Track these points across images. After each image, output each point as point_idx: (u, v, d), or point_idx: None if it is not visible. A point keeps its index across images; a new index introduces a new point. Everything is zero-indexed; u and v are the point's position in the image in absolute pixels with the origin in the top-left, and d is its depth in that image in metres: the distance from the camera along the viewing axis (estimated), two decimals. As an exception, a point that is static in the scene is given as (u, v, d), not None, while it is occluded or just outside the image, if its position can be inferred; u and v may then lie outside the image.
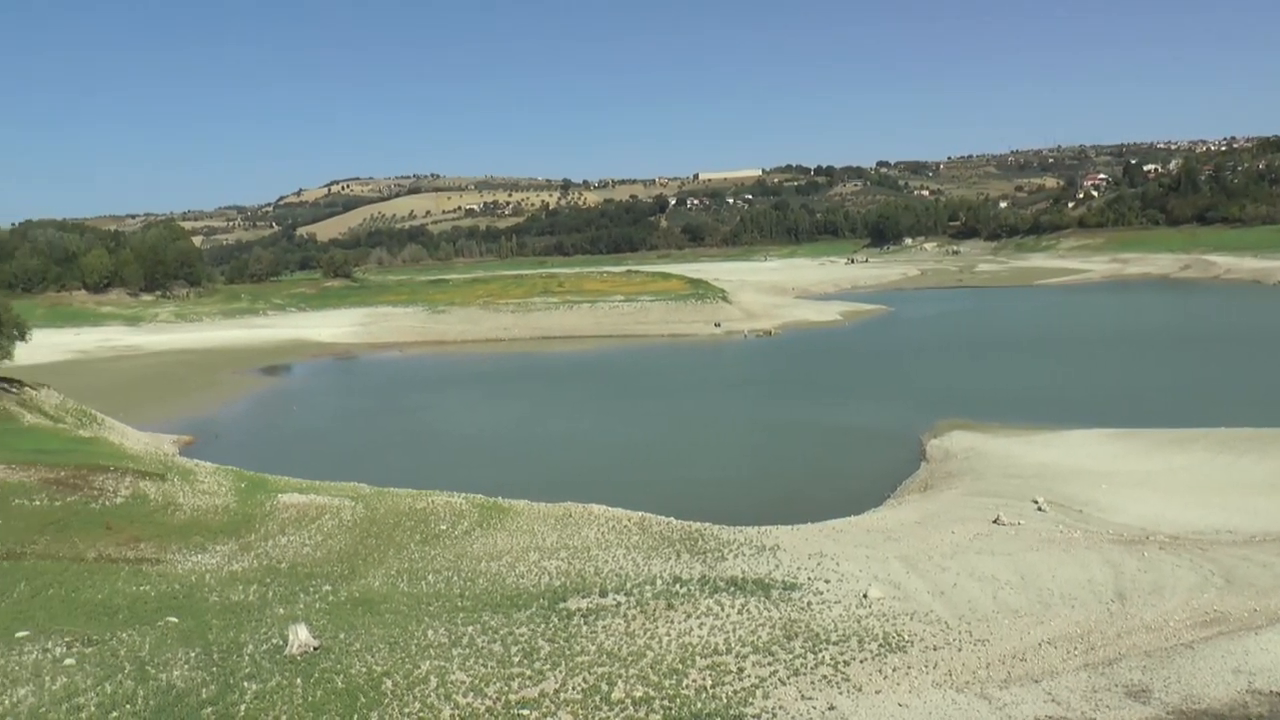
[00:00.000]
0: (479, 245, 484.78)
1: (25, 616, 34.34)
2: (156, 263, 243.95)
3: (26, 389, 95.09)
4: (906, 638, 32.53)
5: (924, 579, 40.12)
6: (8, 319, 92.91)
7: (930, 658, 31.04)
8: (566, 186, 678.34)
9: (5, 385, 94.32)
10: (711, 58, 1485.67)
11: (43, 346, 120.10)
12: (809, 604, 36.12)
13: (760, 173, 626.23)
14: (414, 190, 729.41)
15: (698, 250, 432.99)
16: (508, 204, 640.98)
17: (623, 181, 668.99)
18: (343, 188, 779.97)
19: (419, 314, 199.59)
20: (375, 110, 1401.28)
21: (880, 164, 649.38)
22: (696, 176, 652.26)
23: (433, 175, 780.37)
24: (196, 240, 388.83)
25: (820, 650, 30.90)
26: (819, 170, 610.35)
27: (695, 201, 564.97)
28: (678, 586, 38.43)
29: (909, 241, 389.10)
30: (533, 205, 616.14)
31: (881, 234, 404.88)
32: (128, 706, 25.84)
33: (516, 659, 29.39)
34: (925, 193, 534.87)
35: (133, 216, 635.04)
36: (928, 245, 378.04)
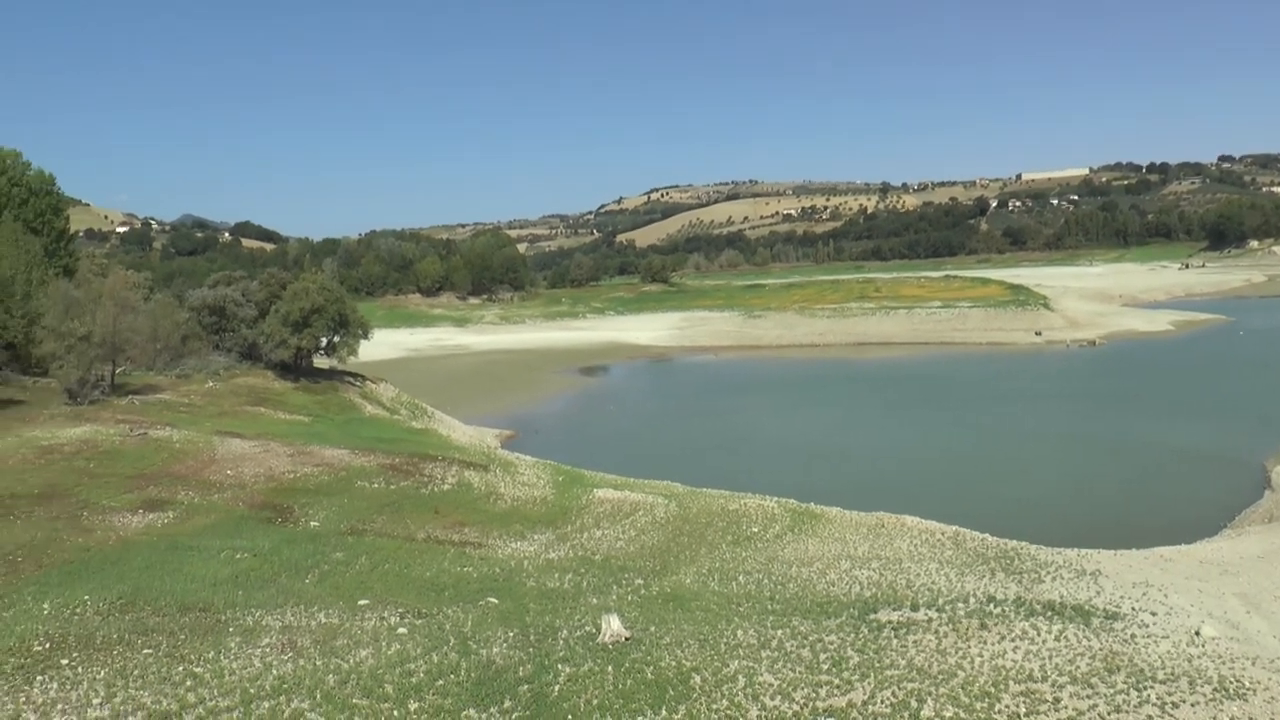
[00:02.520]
0: (795, 250, 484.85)
1: (365, 587, 37.05)
2: (483, 268, 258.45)
3: (368, 383, 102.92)
4: (1247, 685, 29.49)
5: (1269, 621, 36.56)
6: (355, 320, 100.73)
7: (1276, 710, 28.08)
8: (885, 190, 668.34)
9: (350, 379, 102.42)
10: (1038, 49, 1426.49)
11: (381, 345, 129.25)
12: (1133, 636, 33.59)
13: (1086, 171, 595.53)
14: (732, 196, 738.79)
15: (1019, 254, 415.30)
16: (825, 208, 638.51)
17: (942, 184, 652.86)
18: (662, 195, 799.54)
19: (734, 318, 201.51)
20: (695, 118, 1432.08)
21: (1223, 158, 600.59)
22: (1019, 177, 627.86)
23: (750, 181, 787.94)
24: (521, 247, 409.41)
25: (1145, 688, 28.60)
26: (1151, 167, 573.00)
27: (1017, 203, 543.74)
28: (992, 606, 36.70)
29: (1254, 244, 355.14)
30: (850, 209, 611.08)
31: (1222, 236, 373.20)
32: (452, 676, 27.26)
33: (825, 666, 28.90)
34: (1276, 189, 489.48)
35: (463, 226, 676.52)
36: (1277, 248, 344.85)
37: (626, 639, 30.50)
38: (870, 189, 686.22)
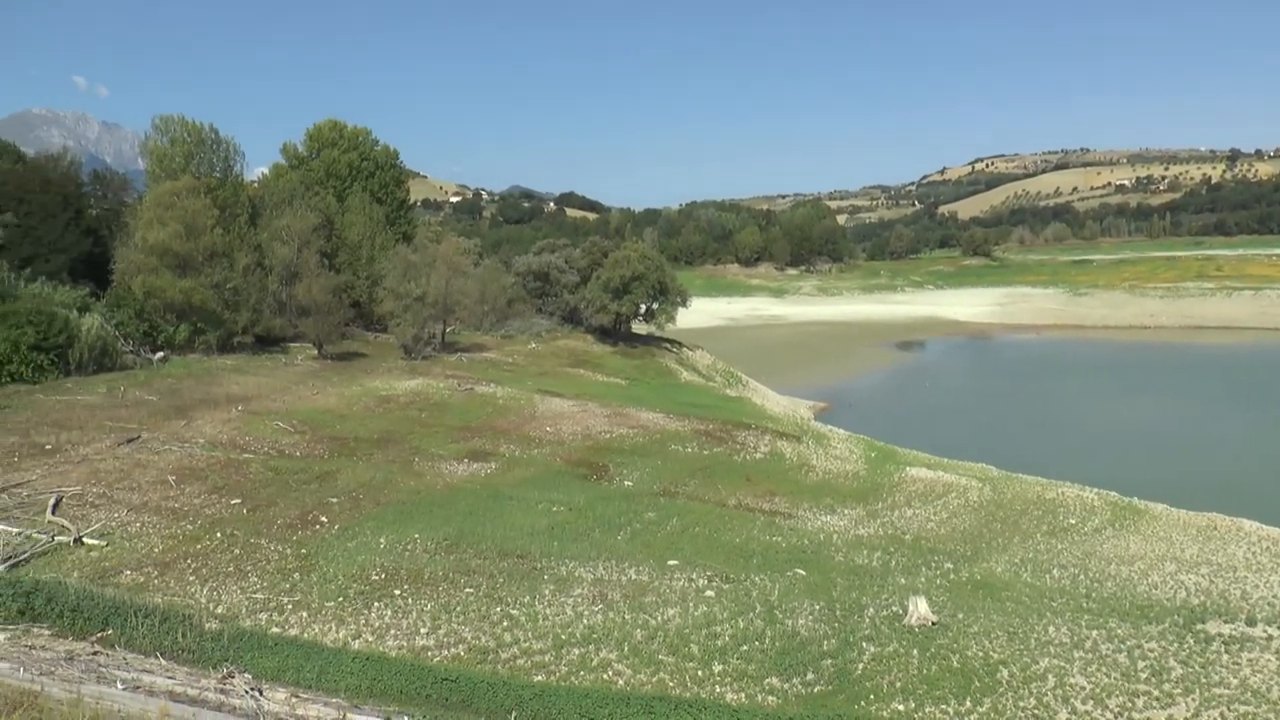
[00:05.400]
0: (1127, 224, 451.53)
1: (675, 548, 37.80)
2: (802, 239, 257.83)
3: (684, 349, 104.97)
4: None
5: None
6: (673, 288, 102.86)
7: None
8: (1234, 157, 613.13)
9: (667, 345, 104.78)
10: None
11: (699, 313, 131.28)
12: None
13: None
14: (1060, 166, 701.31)
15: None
16: (1163, 179, 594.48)
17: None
18: (987, 165, 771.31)
19: (1058, 295, 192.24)
20: (1021, 83, 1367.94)
21: None
22: None
23: (1081, 150, 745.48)
24: (840, 219, 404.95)
25: None
26: None
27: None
28: (1349, 628, 33.10)
29: None
30: (1192, 179, 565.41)
31: None
32: (756, 643, 27.40)
33: (1143, 675, 27.00)
34: None
35: (782, 196, 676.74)
36: None
37: (933, 623, 29.70)
38: (1216, 156, 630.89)
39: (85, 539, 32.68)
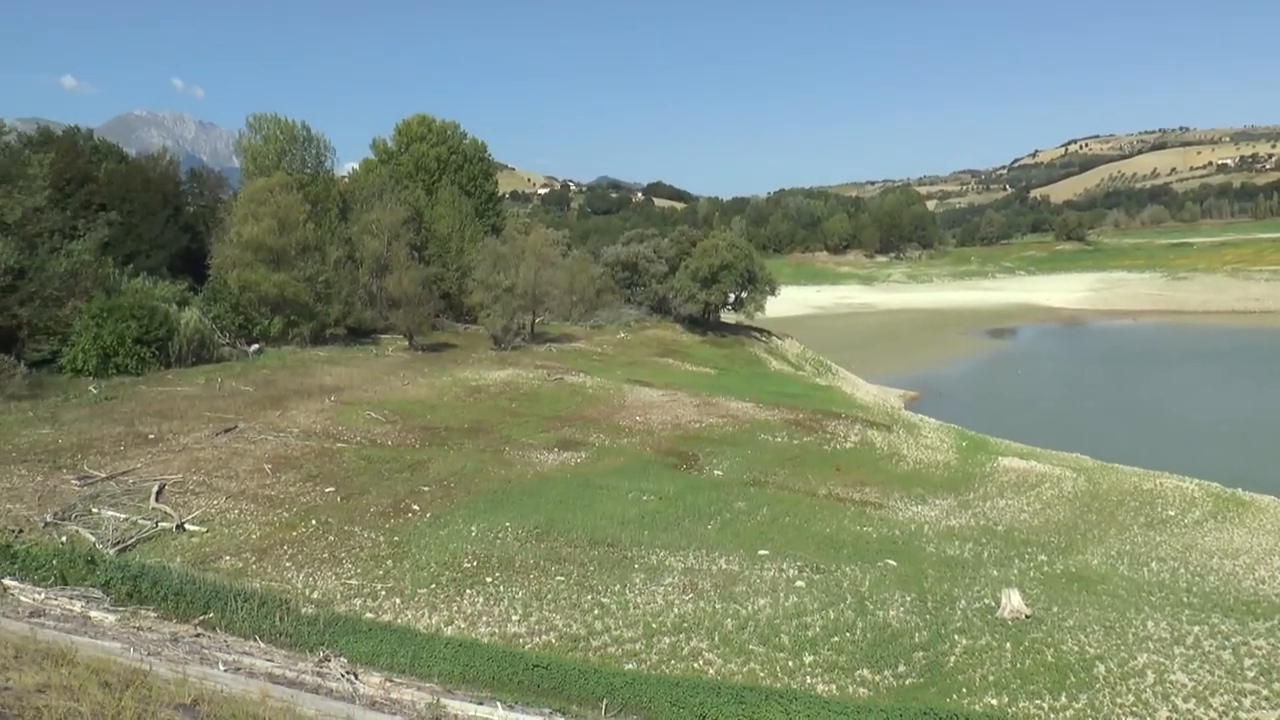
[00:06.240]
0: (1229, 205, 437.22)
1: (765, 538, 37.64)
2: (891, 226, 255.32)
3: (774, 338, 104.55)
4: None
5: None
6: (762, 276, 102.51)
7: None
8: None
9: (756, 334, 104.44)
10: None
11: (787, 301, 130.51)
12: None
13: None
14: (1158, 146, 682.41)
15: None
16: (1269, 156, 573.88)
17: None
18: (1080, 147, 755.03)
19: (1155, 280, 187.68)
20: (1117, 62, 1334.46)
21: None
22: None
23: (1180, 129, 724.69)
24: (930, 204, 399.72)
25: None
26: None
27: None
28: None
29: None
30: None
31: None
32: (847, 634, 27.20)
33: (1250, 674, 26.15)
34: None
35: (871, 183, 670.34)
36: None
37: (1027, 616, 29.19)
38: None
39: (187, 525, 33.64)
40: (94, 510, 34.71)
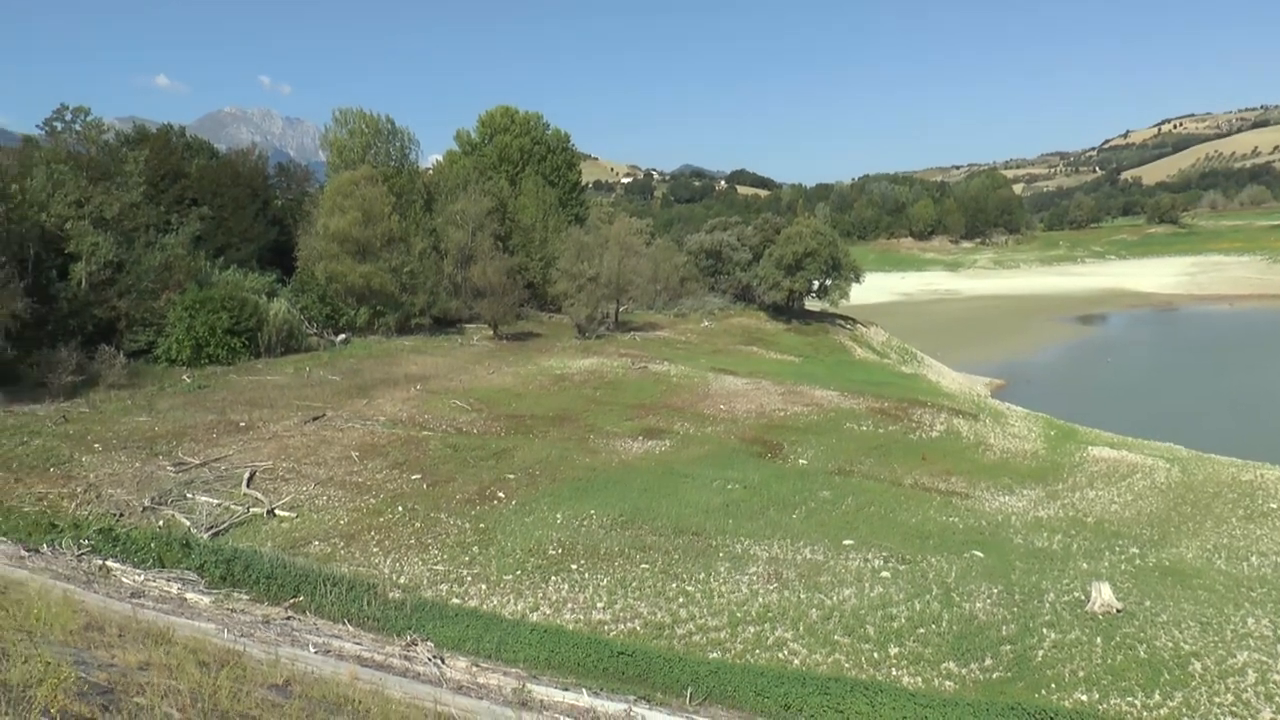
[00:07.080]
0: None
1: (850, 528, 37.41)
2: (977, 211, 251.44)
3: (858, 326, 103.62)
4: None
5: None
6: (846, 263, 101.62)
7: None
8: None
9: (841, 321, 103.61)
10: None
11: (872, 288, 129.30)
12: None
13: None
14: (1259, 124, 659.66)
15: None
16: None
17: None
18: (1174, 126, 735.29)
19: (1255, 263, 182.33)
20: (1213, 37, 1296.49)
21: None
22: None
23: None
24: (1017, 188, 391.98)
25: None
26: None
27: None
28: None
29: None
30: None
31: None
32: (933, 626, 26.93)
33: (1361, 672, 25.41)
34: None
35: (957, 167, 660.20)
36: None
37: (1118, 610, 28.61)
38: None
39: (277, 511, 34.41)
40: (188, 496, 35.70)
